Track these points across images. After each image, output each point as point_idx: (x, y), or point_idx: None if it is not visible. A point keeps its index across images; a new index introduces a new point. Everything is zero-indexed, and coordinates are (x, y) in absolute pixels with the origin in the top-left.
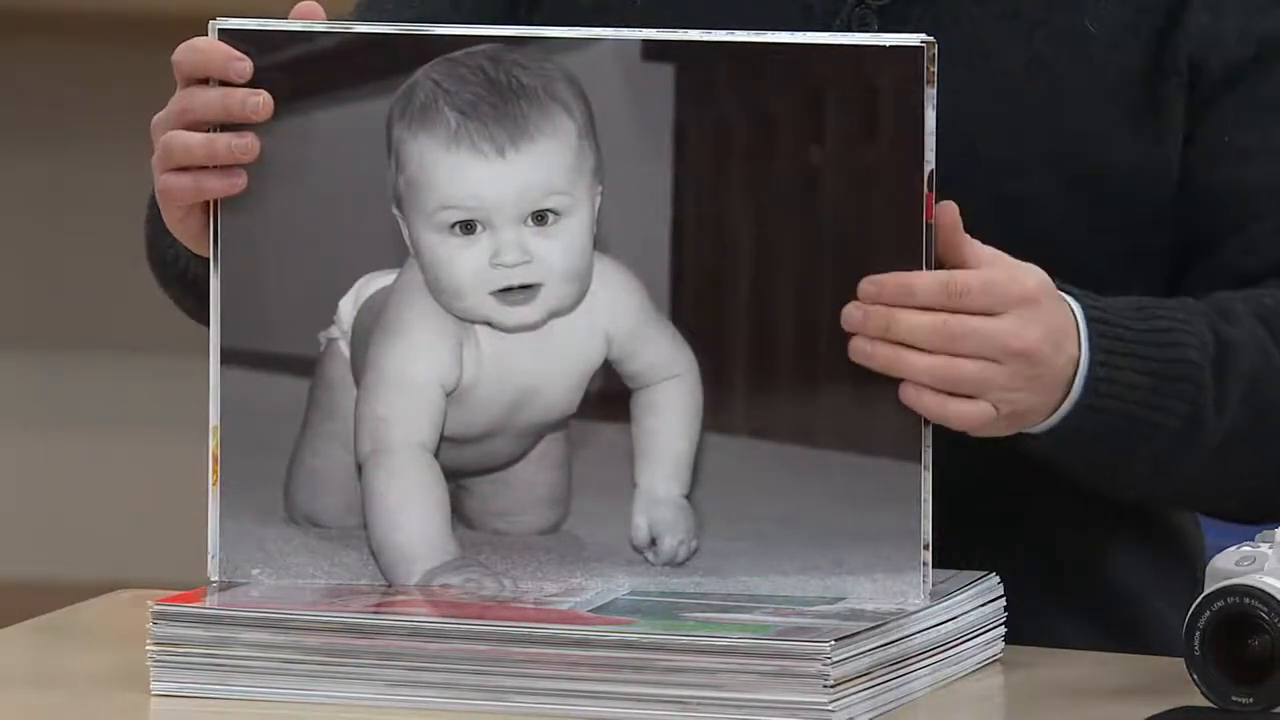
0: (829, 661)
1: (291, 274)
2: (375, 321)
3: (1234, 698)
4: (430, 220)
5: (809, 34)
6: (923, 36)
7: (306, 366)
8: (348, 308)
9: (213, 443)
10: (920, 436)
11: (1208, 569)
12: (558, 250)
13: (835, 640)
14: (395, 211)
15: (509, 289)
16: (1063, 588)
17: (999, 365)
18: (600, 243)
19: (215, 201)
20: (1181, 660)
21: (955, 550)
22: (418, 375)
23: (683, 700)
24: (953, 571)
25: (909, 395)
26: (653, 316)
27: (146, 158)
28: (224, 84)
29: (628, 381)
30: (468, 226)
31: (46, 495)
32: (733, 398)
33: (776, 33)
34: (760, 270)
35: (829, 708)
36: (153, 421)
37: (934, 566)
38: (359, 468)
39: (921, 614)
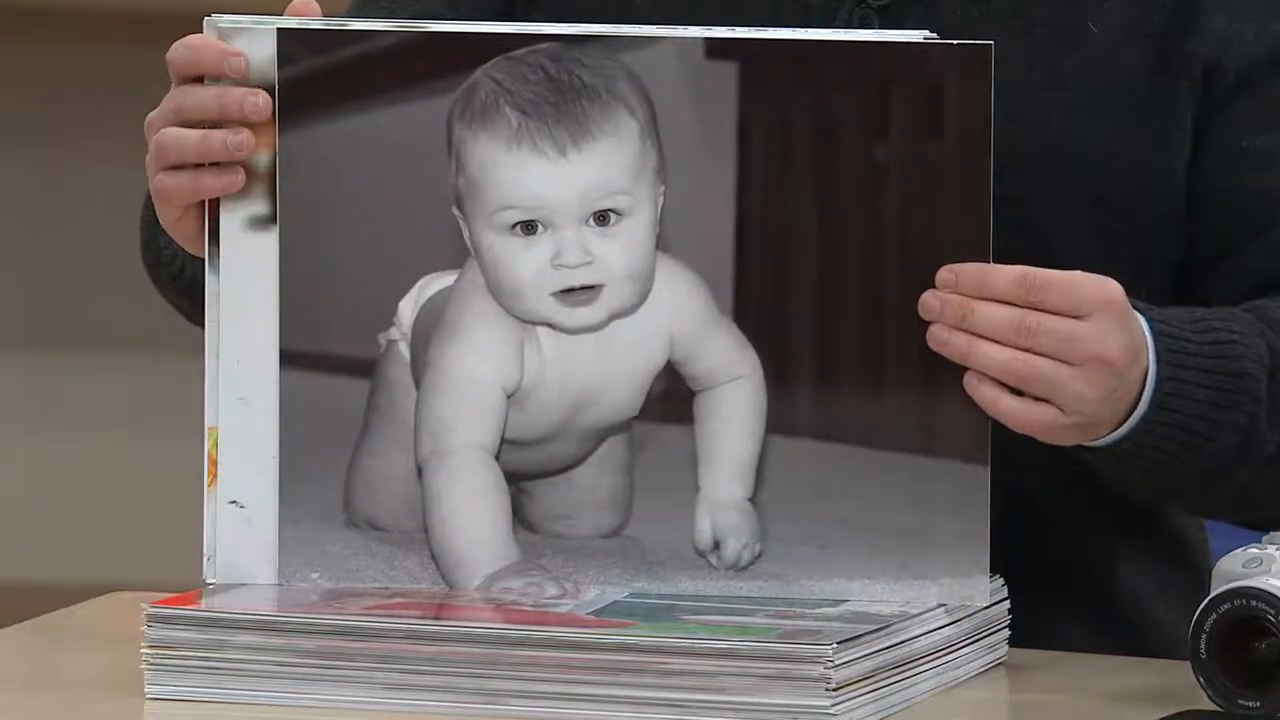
0: (831, 664)
1: (351, 275)
2: (436, 323)
3: (1240, 701)
4: (491, 221)
5: (871, 32)
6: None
7: (366, 368)
8: (408, 309)
9: (208, 444)
10: (985, 438)
11: (1214, 571)
12: (620, 250)
13: (838, 643)
14: (456, 212)
15: (570, 290)
16: (1067, 591)
17: (1073, 369)
18: (663, 243)
19: (213, 201)
20: (1187, 663)
21: None
22: (478, 377)
23: (682, 704)
24: None
25: (970, 383)
26: (716, 317)
27: (144, 156)
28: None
29: (691, 383)
30: (529, 227)
31: (41, 497)
32: (797, 399)
33: (839, 30)
34: (824, 270)
35: (831, 711)
36: (148, 423)
37: None
38: (419, 470)
39: (924, 617)
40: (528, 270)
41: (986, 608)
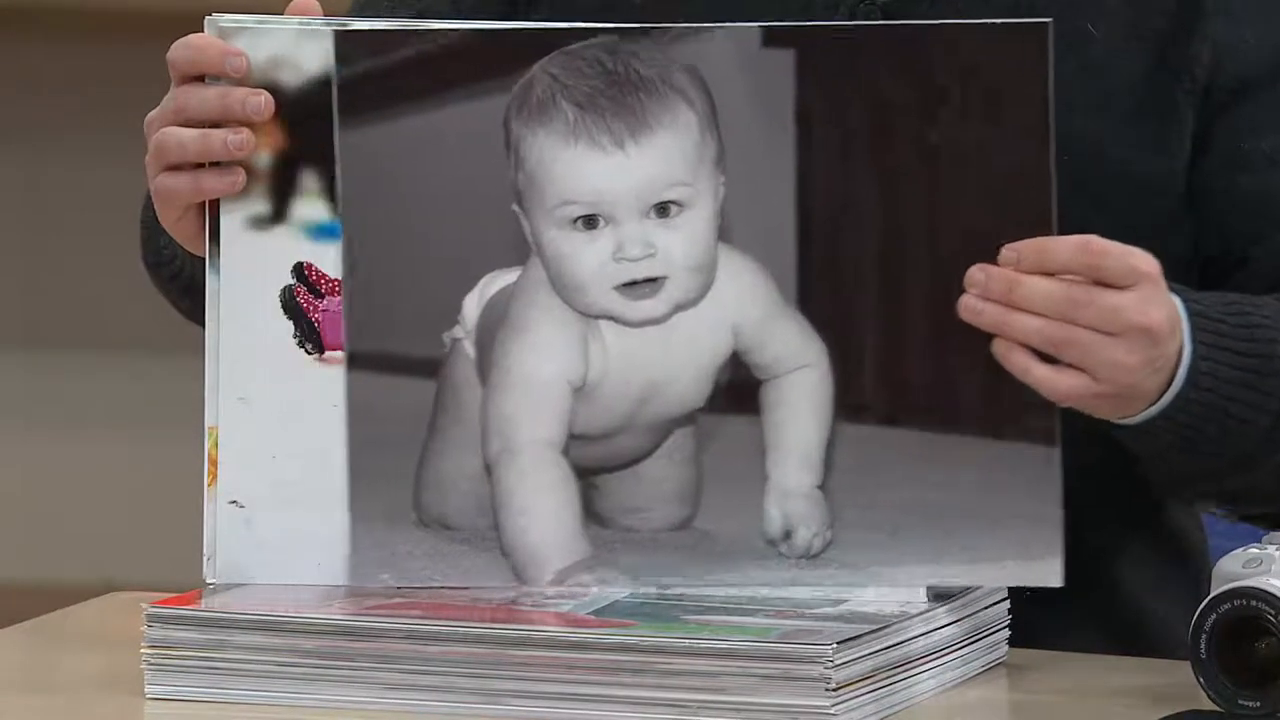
0: (831, 664)
1: (415, 275)
2: (500, 320)
3: (1241, 700)
4: (551, 216)
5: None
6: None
7: (432, 368)
8: (472, 307)
9: (209, 444)
10: (1054, 419)
11: (1214, 571)
12: (681, 242)
13: (838, 643)
14: (516, 208)
15: (633, 283)
16: (1066, 591)
17: (1113, 339)
18: (724, 233)
19: (213, 201)
20: (1187, 663)
21: None
22: (544, 373)
23: (683, 704)
24: None
25: (999, 350)
26: (780, 306)
27: (144, 156)
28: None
29: (756, 373)
30: (590, 221)
31: (41, 497)
32: (864, 385)
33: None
34: (887, 255)
35: (831, 711)
36: (147, 422)
37: None
38: (488, 469)
39: (924, 616)
40: (590, 265)
41: (987, 608)
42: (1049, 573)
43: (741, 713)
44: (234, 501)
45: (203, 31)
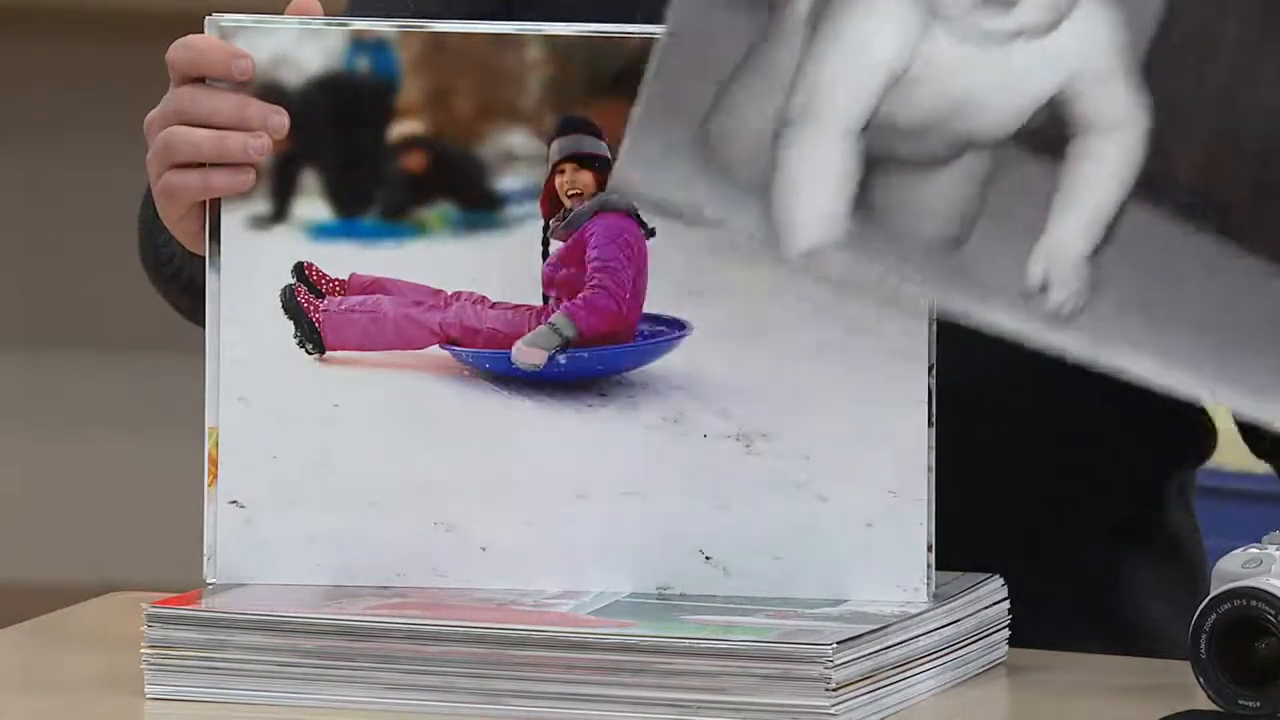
0: (831, 664)
1: None
2: None
3: (1240, 701)
4: None
5: None
6: None
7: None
8: None
9: (209, 444)
10: None
11: (1214, 571)
12: None
13: (837, 643)
14: None
15: None
16: (1065, 591)
17: None
18: None
19: (213, 200)
20: (1187, 663)
21: (959, 553)
22: (869, 50)
23: (682, 704)
24: (956, 574)
25: None
26: (1121, 64)
27: (144, 156)
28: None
29: (1072, 124)
30: None
31: (41, 497)
32: (1174, 171)
33: None
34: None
35: (831, 711)
36: (147, 422)
37: (937, 569)
38: (780, 127)
39: (925, 616)
40: None
41: (987, 608)
42: None
43: (741, 713)
44: (234, 501)
45: (203, 31)
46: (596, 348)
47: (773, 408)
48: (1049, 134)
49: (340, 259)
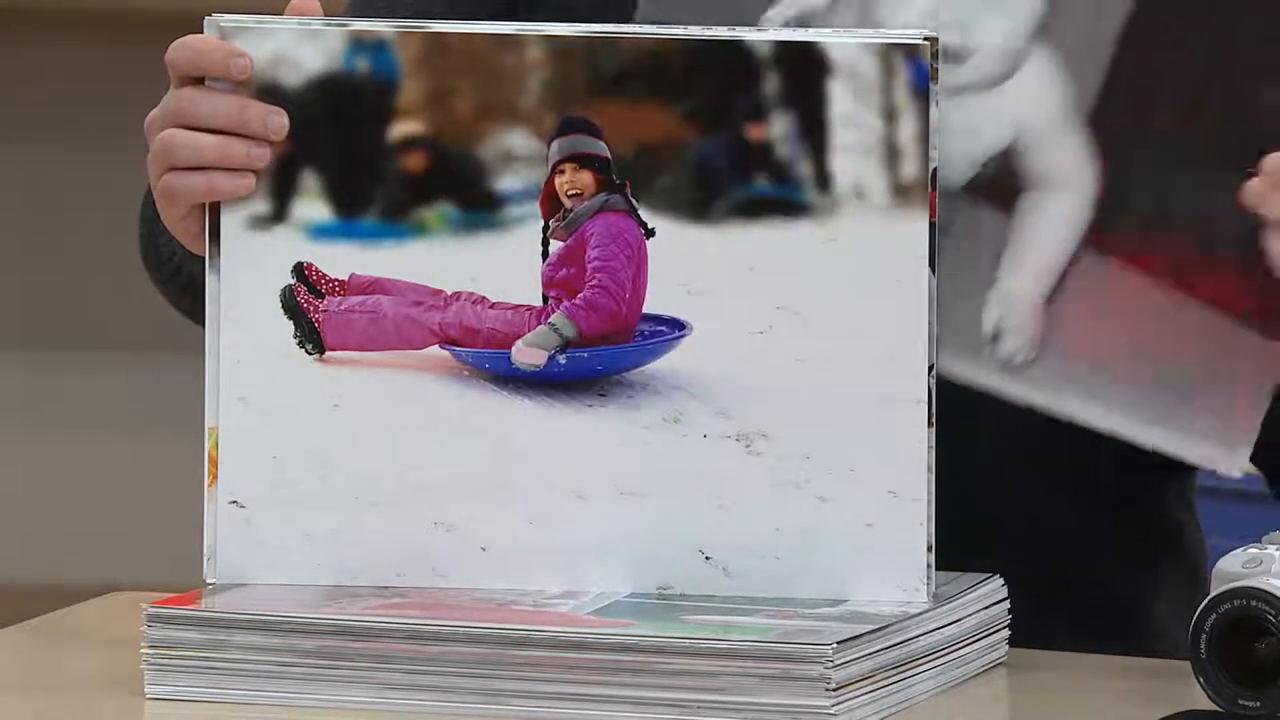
0: (831, 664)
1: None
2: None
3: (1240, 701)
4: None
5: None
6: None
7: None
8: None
9: (209, 444)
10: None
11: (1214, 571)
12: (1001, 20)
13: (837, 643)
14: None
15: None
16: (1066, 591)
17: None
18: (1044, 29)
19: (214, 201)
20: (1187, 663)
21: (959, 552)
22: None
23: (682, 704)
24: (956, 574)
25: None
26: (1069, 120)
27: (144, 156)
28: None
29: (1022, 175)
30: None
31: (41, 497)
32: (1124, 221)
33: None
34: (1196, 100)
35: (831, 711)
36: (147, 422)
37: (937, 569)
38: None
39: (925, 616)
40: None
41: (987, 608)
42: (1229, 464)
43: (741, 713)
44: (234, 501)
45: (202, 31)
46: (596, 348)
47: (773, 408)
48: (1001, 184)
49: (340, 259)
